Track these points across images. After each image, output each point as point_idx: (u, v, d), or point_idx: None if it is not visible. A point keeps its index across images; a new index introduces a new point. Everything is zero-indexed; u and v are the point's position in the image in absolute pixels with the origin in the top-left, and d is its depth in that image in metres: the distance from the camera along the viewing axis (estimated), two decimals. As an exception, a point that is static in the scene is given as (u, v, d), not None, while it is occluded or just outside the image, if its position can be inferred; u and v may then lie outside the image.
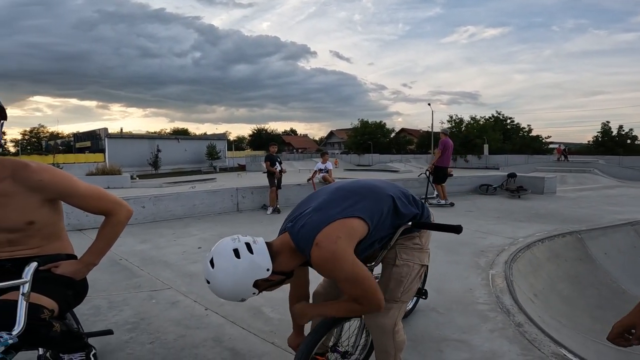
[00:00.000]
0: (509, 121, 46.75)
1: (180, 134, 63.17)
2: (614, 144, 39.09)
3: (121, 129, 50.45)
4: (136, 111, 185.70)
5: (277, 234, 1.63)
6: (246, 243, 1.40)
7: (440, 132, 8.64)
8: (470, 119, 44.54)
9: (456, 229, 1.59)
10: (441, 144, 8.01)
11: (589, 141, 45.40)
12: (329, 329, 1.70)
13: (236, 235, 1.46)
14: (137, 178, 23.99)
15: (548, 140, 44.83)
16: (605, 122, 41.57)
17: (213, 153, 43.83)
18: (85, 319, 2.55)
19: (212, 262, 1.38)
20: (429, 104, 60.75)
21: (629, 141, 39.72)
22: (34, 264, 1.33)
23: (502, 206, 7.54)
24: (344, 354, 1.88)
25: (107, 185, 15.55)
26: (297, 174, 18.09)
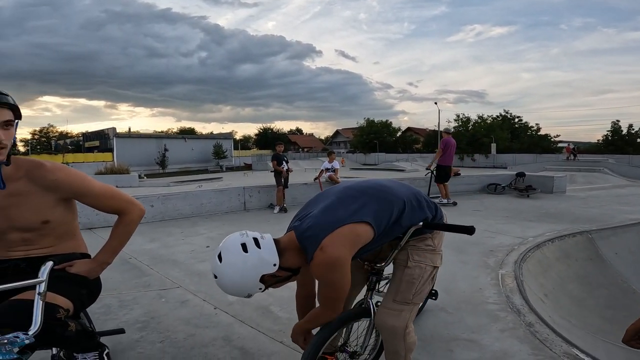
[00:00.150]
0: (516, 120, 46.34)
1: (187, 134, 63.45)
2: (624, 142, 38.57)
3: (129, 129, 51.06)
4: (143, 111, 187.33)
5: (284, 233, 1.64)
6: (254, 238, 1.43)
7: (443, 131, 8.62)
8: (477, 118, 44.27)
9: (469, 230, 1.57)
10: (442, 142, 8.00)
11: (598, 140, 44.94)
12: (336, 329, 1.70)
13: (244, 230, 1.48)
14: (145, 177, 24.15)
15: (557, 139, 44.41)
16: (615, 120, 41.13)
17: (220, 152, 44.02)
18: (96, 317, 2.57)
19: (220, 257, 1.40)
20: (435, 103, 60.39)
21: (639, 140, 39.15)
22: (49, 263, 1.33)
23: (510, 205, 7.48)
24: (352, 354, 1.87)
25: (116, 185, 15.54)
26: (303, 173, 18.12)
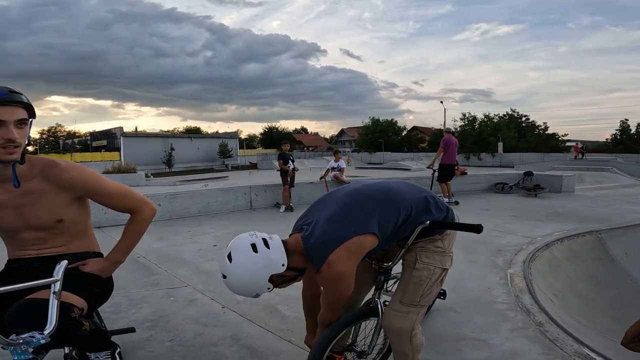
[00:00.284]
0: (523, 119, 45.96)
1: (193, 133, 63.73)
2: (632, 142, 38.07)
3: (136, 128, 51.34)
4: (150, 110, 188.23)
5: (290, 232, 1.67)
6: (263, 239, 1.45)
7: (444, 130, 8.65)
8: (483, 117, 43.96)
9: (476, 229, 1.56)
10: (443, 141, 8.03)
11: (607, 139, 44.34)
12: (342, 328, 1.70)
13: (253, 231, 1.50)
14: (152, 176, 24.27)
15: (565, 138, 43.98)
16: (623, 119, 40.63)
17: (225, 151, 44.17)
18: (106, 316, 2.58)
19: (230, 257, 1.41)
20: (441, 102, 60.44)
21: (648, 139, 38.68)
22: (64, 262, 1.34)
23: (518, 205, 7.43)
24: (360, 353, 1.87)
25: (123, 184, 15.75)
26: (309, 172, 18.09)
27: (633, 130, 39.48)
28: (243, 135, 75.21)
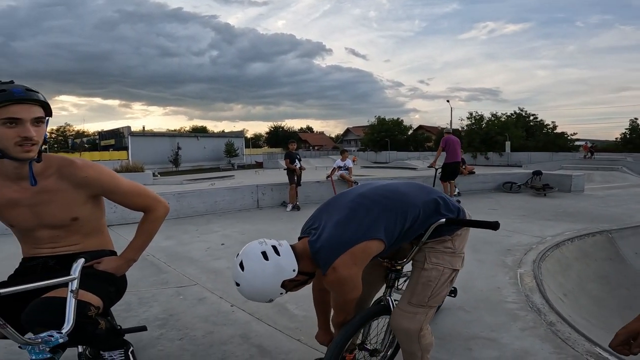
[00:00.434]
0: (532, 118, 45.52)
1: (199, 132, 63.99)
2: (642, 141, 37.60)
3: (143, 127, 51.65)
4: (157, 109, 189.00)
5: (297, 230, 1.69)
6: (273, 246, 1.47)
7: (444, 131, 8.68)
8: (491, 116, 43.60)
9: (493, 226, 1.55)
10: (442, 141, 8.05)
11: (616, 138, 43.69)
12: (358, 327, 1.71)
13: (262, 238, 1.53)
14: (159, 175, 24.42)
15: (574, 137, 43.49)
16: (633, 118, 40.02)
17: (231, 150, 44.35)
18: (117, 314, 2.60)
19: (242, 265, 1.44)
20: (447, 101, 59.87)
21: (658, 138, 38.12)
22: (81, 260, 1.35)
23: (527, 204, 7.38)
24: (372, 351, 1.88)
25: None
26: (314, 171, 18.11)
27: (643, 129, 38.93)
28: (249, 135, 75.49)
